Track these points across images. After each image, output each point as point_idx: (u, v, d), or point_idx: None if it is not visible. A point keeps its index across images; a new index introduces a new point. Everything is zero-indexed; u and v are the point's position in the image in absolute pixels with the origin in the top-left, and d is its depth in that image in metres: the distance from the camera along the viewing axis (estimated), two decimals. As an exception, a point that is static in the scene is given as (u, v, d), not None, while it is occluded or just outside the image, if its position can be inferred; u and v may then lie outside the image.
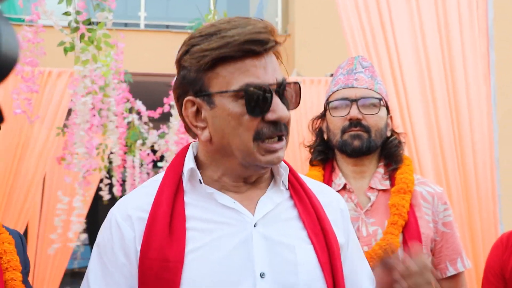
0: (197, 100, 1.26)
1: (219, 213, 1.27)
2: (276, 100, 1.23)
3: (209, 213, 1.27)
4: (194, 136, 1.33)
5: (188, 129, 1.33)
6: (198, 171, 1.29)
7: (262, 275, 1.22)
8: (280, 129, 1.24)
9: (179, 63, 1.28)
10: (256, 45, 1.20)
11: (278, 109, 1.23)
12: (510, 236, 2.09)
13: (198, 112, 1.27)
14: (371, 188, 2.04)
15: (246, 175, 1.30)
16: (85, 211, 4.43)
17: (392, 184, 2.04)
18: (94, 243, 1.33)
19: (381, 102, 2.03)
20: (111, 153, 3.96)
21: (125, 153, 4.03)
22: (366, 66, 2.08)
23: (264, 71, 1.22)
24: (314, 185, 1.45)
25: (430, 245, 2.00)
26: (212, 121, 1.25)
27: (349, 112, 2.00)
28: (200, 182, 1.29)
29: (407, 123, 3.17)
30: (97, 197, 4.71)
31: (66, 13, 3.50)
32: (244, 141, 1.23)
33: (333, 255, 1.30)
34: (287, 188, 1.36)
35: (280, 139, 1.26)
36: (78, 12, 3.44)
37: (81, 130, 3.49)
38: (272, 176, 1.37)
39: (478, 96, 3.23)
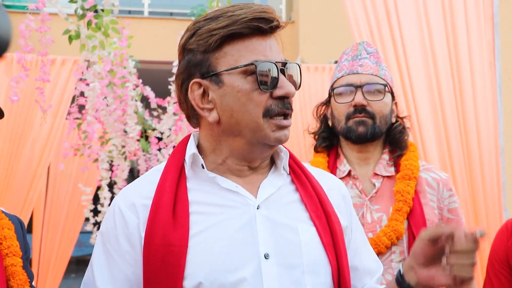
0: (204, 82, 1.27)
1: (222, 197, 1.28)
2: (282, 76, 1.27)
3: (212, 197, 1.28)
4: (195, 125, 1.35)
5: (189, 117, 1.34)
6: (200, 156, 1.31)
7: (266, 256, 1.23)
8: (287, 107, 1.27)
9: (184, 47, 1.30)
10: (263, 22, 1.24)
11: (285, 85, 1.26)
12: (514, 223, 2.09)
13: (204, 94, 1.28)
14: (376, 174, 2.04)
15: (251, 157, 1.31)
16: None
17: (397, 171, 2.04)
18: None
19: (386, 88, 2.02)
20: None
21: (138, 140, 4.02)
22: (371, 52, 2.07)
23: (270, 50, 1.27)
24: (315, 171, 1.47)
25: (435, 231, 1.99)
26: (220, 101, 1.26)
27: (353, 98, 1.99)
28: (203, 167, 1.30)
29: (412, 110, 3.16)
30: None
31: (72, 1, 3.49)
32: (254, 118, 1.25)
33: (336, 236, 1.32)
34: (288, 172, 1.38)
35: (286, 117, 1.28)
36: (84, -1, 3.43)
37: (88, 115, 3.49)
38: (273, 162, 1.38)
39: (483, 83, 3.21)
